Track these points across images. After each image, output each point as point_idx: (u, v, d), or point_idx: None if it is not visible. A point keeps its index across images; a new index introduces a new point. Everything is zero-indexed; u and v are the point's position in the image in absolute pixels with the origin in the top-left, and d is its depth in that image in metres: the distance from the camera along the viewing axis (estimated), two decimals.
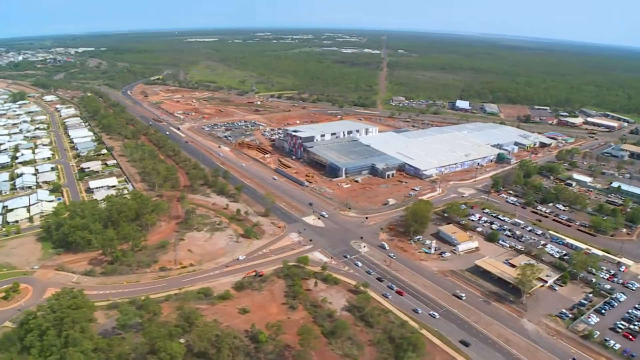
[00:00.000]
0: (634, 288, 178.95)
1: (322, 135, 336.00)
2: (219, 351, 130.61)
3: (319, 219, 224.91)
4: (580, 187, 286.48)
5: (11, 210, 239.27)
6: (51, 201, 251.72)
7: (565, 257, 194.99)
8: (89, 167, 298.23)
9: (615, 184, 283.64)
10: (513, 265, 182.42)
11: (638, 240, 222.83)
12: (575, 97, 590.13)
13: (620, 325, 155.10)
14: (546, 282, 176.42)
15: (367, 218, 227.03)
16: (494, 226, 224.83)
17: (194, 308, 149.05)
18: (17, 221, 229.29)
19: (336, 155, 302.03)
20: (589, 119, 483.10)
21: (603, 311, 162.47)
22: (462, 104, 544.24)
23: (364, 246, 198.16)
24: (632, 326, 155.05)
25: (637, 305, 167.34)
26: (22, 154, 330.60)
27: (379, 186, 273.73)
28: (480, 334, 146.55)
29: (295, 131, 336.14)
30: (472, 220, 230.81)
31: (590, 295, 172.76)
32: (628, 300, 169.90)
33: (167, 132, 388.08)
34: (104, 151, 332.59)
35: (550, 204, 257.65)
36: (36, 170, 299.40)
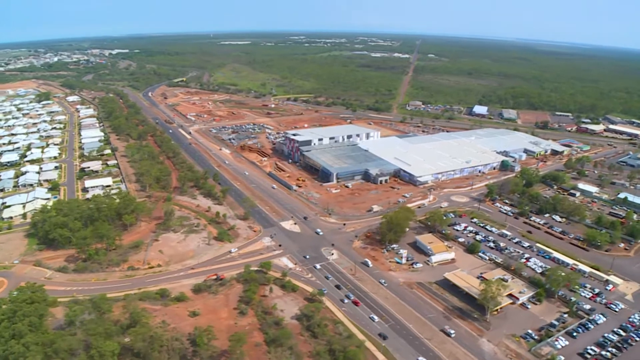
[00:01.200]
0: (617, 309, 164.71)
1: (320, 139, 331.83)
2: (153, 352, 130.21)
3: (295, 224, 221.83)
4: (584, 197, 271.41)
5: (8, 206, 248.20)
6: (47, 199, 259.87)
7: (547, 273, 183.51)
8: (89, 167, 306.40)
9: (622, 195, 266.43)
10: (486, 280, 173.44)
11: (635, 256, 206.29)
12: (602, 103, 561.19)
13: (590, 351, 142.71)
14: (518, 299, 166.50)
15: (344, 224, 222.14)
16: (478, 237, 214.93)
17: (139, 308, 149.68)
18: (11, 217, 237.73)
19: (330, 160, 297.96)
20: (611, 127, 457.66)
21: (575, 334, 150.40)
22: (480, 109, 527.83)
23: (332, 253, 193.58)
24: (604, 352, 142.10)
25: (615, 329, 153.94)
26: (32, 153, 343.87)
27: (369, 192, 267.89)
28: (430, 352, 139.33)
29: (294, 135, 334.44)
30: (457, 230, 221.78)
31: (565, 315, 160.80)
32: (607, 323, 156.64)
33: (171, 130, 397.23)
34: (108, 151, 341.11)
35: (547, 215, 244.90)
36: (40, 168, 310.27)
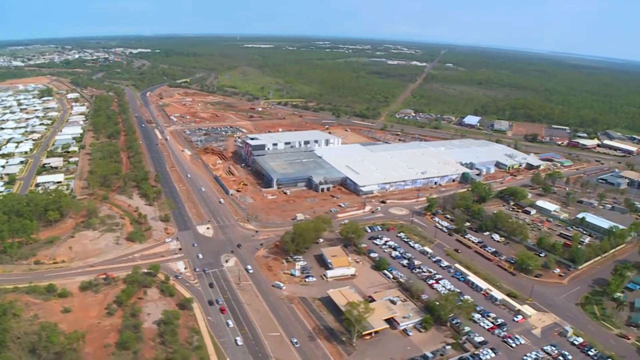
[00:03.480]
0: (513, 345, 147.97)
1: (275, 144, 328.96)
2: (7, 343, 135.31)
3: (208, 228, 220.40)
4: (540, 215, 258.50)
5: None
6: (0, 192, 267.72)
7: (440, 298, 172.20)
8: (49, 163, 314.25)
9: (580, 215, 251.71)
10: (374, 300, 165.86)
11: (569, 284, 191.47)
12: (605, 117, 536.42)
13: None
14: (399, 324, 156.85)
15: (257, 232, 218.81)
16: (394, 253, 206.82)
17: (7, 301, 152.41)
18: None
19: (277, 165, 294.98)
20: (606, 142, 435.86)
21: None
22: (471, 119, 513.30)
23: (227, 261, 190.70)
24: None
25: None
26: (6, 147, 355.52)
27: (305, 200, 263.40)
28: None
29: (252, 139, 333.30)
30: (376, 244, 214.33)
31: (448, 347, 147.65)
32: None
33: (143, 125, 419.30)
34: (74, 148, 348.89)
35: (486, 233, 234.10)
36: (6, 162, 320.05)
